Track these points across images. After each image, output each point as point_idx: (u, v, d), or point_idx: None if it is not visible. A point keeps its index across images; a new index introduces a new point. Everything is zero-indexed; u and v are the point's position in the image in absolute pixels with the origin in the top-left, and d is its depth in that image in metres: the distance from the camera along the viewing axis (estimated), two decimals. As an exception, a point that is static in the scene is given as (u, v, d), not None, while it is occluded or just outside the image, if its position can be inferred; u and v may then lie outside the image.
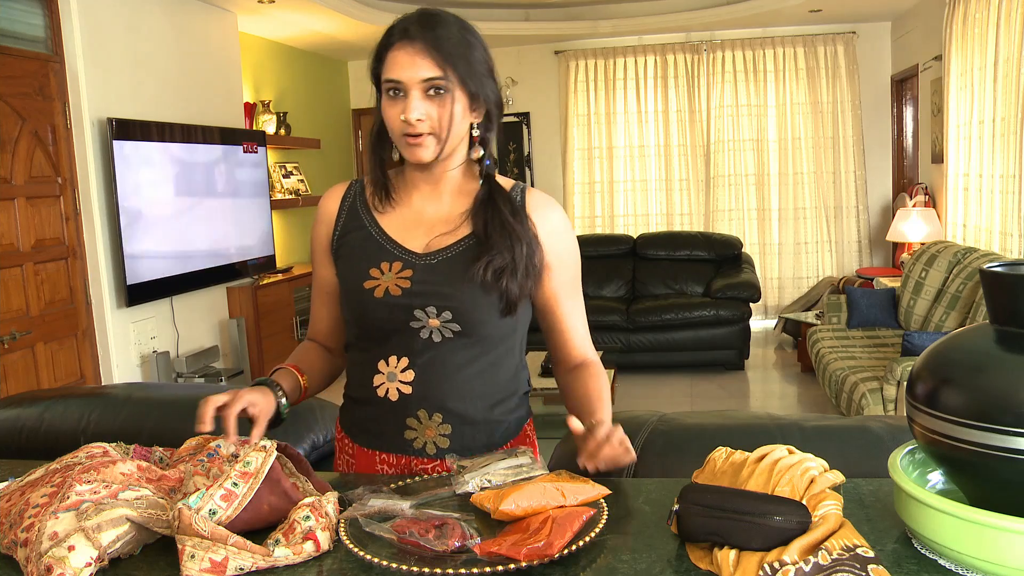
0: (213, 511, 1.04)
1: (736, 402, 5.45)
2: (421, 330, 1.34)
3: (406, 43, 1.29)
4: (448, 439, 1.38)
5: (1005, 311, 0.97)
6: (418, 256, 1.37)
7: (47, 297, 3.93)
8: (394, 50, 1.30)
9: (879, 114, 7.36)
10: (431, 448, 1.38)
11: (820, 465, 1.07)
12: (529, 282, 1.36)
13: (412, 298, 1.34)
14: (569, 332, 1.46)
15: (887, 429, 1.49)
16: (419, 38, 1.29)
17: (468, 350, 1.36)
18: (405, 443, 1.39)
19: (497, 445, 1.42)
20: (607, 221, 7.80)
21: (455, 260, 1.35)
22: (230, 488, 1.07)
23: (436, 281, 1.34)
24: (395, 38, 1.31)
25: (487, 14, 6.77)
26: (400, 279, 1.35)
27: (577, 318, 1.46)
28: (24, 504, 1.07)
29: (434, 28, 1.30)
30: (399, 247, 1.38)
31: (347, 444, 1.47)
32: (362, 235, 1.41)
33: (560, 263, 1.41)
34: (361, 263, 1.38)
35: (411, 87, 1.29)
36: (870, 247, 7.45)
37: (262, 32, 6.22)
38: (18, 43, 3.82)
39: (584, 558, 1.01)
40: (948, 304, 4.64)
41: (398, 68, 1.29)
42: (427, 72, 1.28)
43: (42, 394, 2.00)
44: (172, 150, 4.63)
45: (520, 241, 1.34)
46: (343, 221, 1.44)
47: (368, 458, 1.43)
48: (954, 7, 5.27)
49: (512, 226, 1.34)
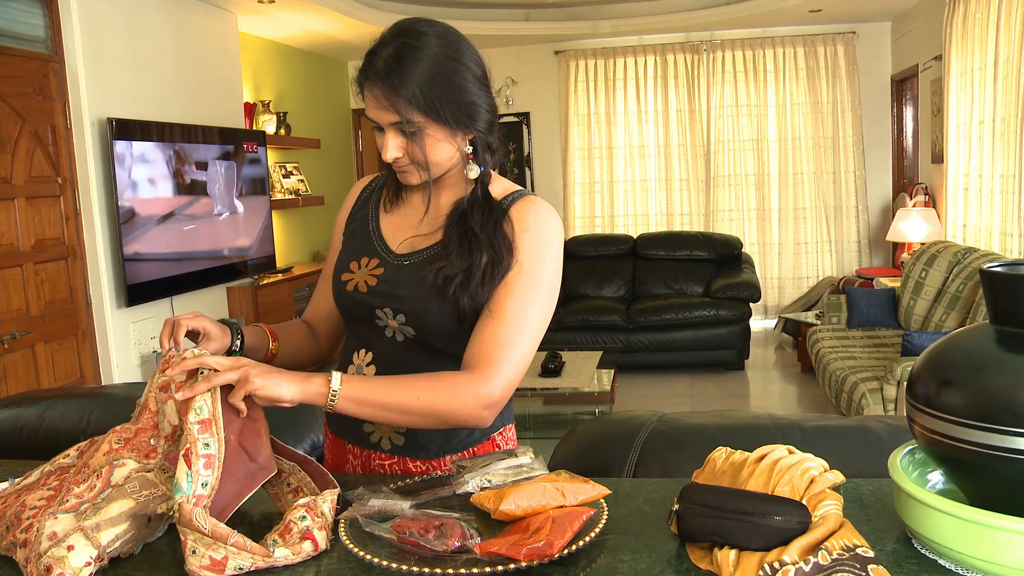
0: (205, 483, 1.05)
1: (736, 402, 5.45)
2: (385, 329, 1.37)
3: (369, 83, 1.26)
4: (403, 437, 1.39)
5: (1005, 311, 0.97)
6: (394, 256, 1.38)
7: (47, 297, 3.93)
8: (363, 89, 1.28)
9: (879, 114, 7.36)
10: (386, 444, 1.40)
11: (820, 465, 1.07)
12: (484, 292, 1.27)
13: (374, 297, 1.35)
14: (484, 323, 1.27)
15: (887, 429, 1.49)
16: (379, 83, 1.24)
17: (426, 354, 1.36)
18: (364, 436, 1.41)
19: (457, 449, 1.40)
20: (607, 221, 7.80)
21: (421, 265, 1.34)
22: (205, 452, 1.07)
23: (398, 283, 1.34)
24: (360, 76, 1.28)
25: (487, 14, 6.77)
26: (371, 276, 1.37)
27: (499, 323, 1.26)
28: (20, 506, 1.07)
29: (399, 69, 1.23)
30: (383, 245, 1.40)
31: (327, 431, 1.51)
32: (363, 227, 1.44)
33: (517, 265, 1.29)
34: (351, 254, 1.42)
35: (384, 126, 1.28)
36: (870, 247, 7.45)
37: (262, 32, 6.23)
38: (18, 43, 3.82)
39: (584, 558, 1.01)
40: (948, 304, 4.64)
41: (368, 108, 1.28)
42: (391, 116, 1.25)
43: (42, 394, 2.00)
44: (172, 150, 4.64)
45: (480, 251, 1.27)
46: (357, 210, 1.48)
47: (340, 447, 1.46)
48: (954, 7, 5.27)
49: (475, 235, 1.28)
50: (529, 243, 1.30)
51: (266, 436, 1.17)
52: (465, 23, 1.80)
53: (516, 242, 1.30)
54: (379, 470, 1.41)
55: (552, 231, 1.32)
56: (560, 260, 1.34)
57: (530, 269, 1.29)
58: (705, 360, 6.13)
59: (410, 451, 1.39)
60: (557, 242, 1.33)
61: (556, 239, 1.33)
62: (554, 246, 1.32)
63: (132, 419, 1.20)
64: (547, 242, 1.31)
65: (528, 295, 1.28)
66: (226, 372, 1.11)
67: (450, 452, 1.40)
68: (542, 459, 1.23)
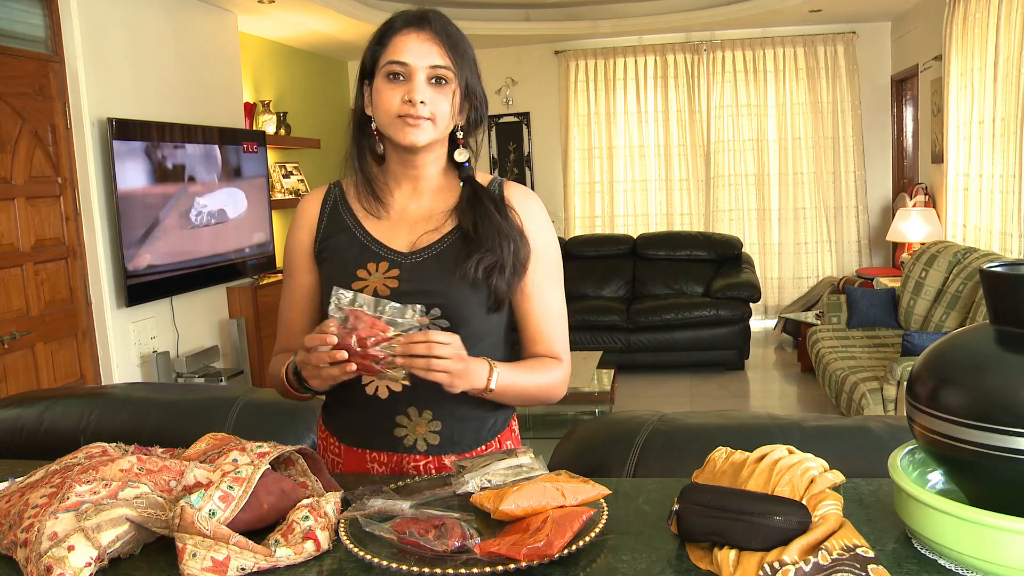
0: (212, 512, 1.04)
1: (736, 402, 5.45)
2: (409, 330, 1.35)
3: (415, 29, 1.32)
4: (438, 435, 1.39)
5: (1005, 311, 0.97)
6: (404, 255, 1.38)
7: (47, 297, 3.93)
8: (401, 35, 1.33)
9: (879, 114, 7.36)
10: (422, 445, 1.39)
11: (820, 465, 1.07)
12: (516, 279, 1.38)
13: (400, 297, 1.34)
14: (541, 324, 1.43)
15: (887, 429, 1.49)
16: (429, 27, 1.33)
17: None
18: (396, 441, 1.39)
19: (485, 440, 1.43)
20: (607, 221, 7.80)
21: (441, 257, 1.37)
22: (226, 490, 1.07)
23: (424, 279, 1.35)
24: (403, 24, 1.34)
25: (487, 14, 6.77)
26: (388, 279, 1.36)
27: (552, 315, 1.43)
28: (23, 505, 1.07)
29: (442, 21, 1.35)
30: (384, 247, 1.39)
31: (332, 443, 1.47)
32: (346, 237, 1.41)
33: (540, 256, 1.42)
34: (348, 265, 1.39)
35: (416, 71, 1.32)
36: (870, 247, 7.45)
37: (262, 32, 6.22)
38: (18, 43, 3.82)
39: (584, 558, 1.01)
40: (948, 304, 4.65)
41: (406, 51, 1.32)
42: (436, 59, 1.32)
43: (42, 394, 2.00)
44: (172, 150, 4.63)
45: (508, 239, 1.35)
46: (325, 225, 1.44)
47: (357, 457, 1.43)
48: (954, 7, 5.27)
49: (500, 225, 1.36)
50: (541, 230, 1.43)
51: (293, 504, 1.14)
52: (465, 23, 1.80)
53: (526, 229, 1.40)
54: (412, 472, 1.39)
55: (546, 214, 1.47)
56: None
57: (554, 255, 1.44)
58: (705, 360, 6.13)
59: (446, 448, 1.40)
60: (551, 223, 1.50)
61: (550, 220, 1.49)
62: (553, 228, 1.48)
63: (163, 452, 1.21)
64: (550, 225, 1.46)
65: (558, 277, 1.45)
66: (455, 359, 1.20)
67: (480, 444, 1.43)
68: (542, 459, 1.23)
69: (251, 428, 1.77)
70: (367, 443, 1.42)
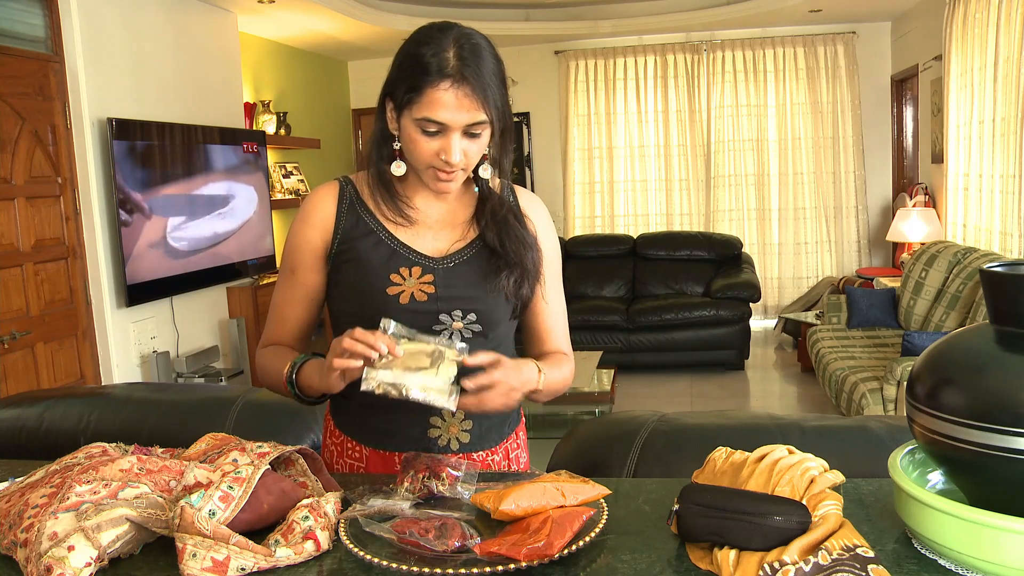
0: (212, 512, 1.04)
1: (736, 402, 5.45)
2: (443, 332, 1.37)
3: (454, 84, 1.24)
4: (469, 434, 1.42)
5: (1005, 311, 0.97)
6: (435, 261, 1.39)
7: (47, 297, 3.93)
8: (438, 89, 1.24)
9: (879, 114, 7.36)
10: (454, 444, 1.42)
11: (820, 465, 1.07)
12: (537, 284, 1.44)
13: (439, 303, 1.36)
14: (548, 325, 1.49)
15: (887, 429, 1.49)
16: (469, 79, 1.25)
17: (483, 348, 1.35)
18: (430, 442, 1.41)
19: (506, 434, 1.49)
20: (607, 221, 7.80)
21: (471, 264, 1.40)
22: (227, 490, 1.07)
23: (459, 286, 1.38)
24: (439, 75, 1.24)
25: (487, 14, 6.77)
26: (423, 284, 1.36)
27: (558, 313, 1.50)
28: (23, 505, 1.07)
29: (479, 64, 1.26)
30: (414, 252, 1.39)
31: (351, 446, 1.45)
32: (371, 240, 1.38)
33: (547, 259, 1.47)
34: (378, 269, 1.36)
35: (454, 129, 1.27)
36: (870, 247, 7.45)
37: (262, 32, 6.22)
38: (18, 43, 3.82)
39: (584, 558, 1.01)
40: (948, 304, 4.65)
41: (443, 109, 1.25)
42: (474, 117, 1.27)
43: (42, 394, 2.00)
44: (172, 150, 4.63)
45: (531, 249, 1.41)
46: (344, 225, 1.39)
47: (386, 460, 1.42)
48: (954, 7, 5.27)
49: (524, 238, 1.41)
50: (548, 234, 1.50)
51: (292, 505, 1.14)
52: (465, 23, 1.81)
53: (537, 235, 1.46)
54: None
55: (550, 217, 1.54)
56: None
57: (556, 259, 1.51)
58: (705, 360, 6.13)
59: (475, 446, 1.43)
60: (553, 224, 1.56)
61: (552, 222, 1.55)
62: (555, 228, 1.56)
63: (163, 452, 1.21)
64: (553, 227, 1.54)
65: (560, 279, 1.53)
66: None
67: (502, 439, 1.48)
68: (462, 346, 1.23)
69: (251, 428, 1.77)
70: (397, 445, 1.41)
